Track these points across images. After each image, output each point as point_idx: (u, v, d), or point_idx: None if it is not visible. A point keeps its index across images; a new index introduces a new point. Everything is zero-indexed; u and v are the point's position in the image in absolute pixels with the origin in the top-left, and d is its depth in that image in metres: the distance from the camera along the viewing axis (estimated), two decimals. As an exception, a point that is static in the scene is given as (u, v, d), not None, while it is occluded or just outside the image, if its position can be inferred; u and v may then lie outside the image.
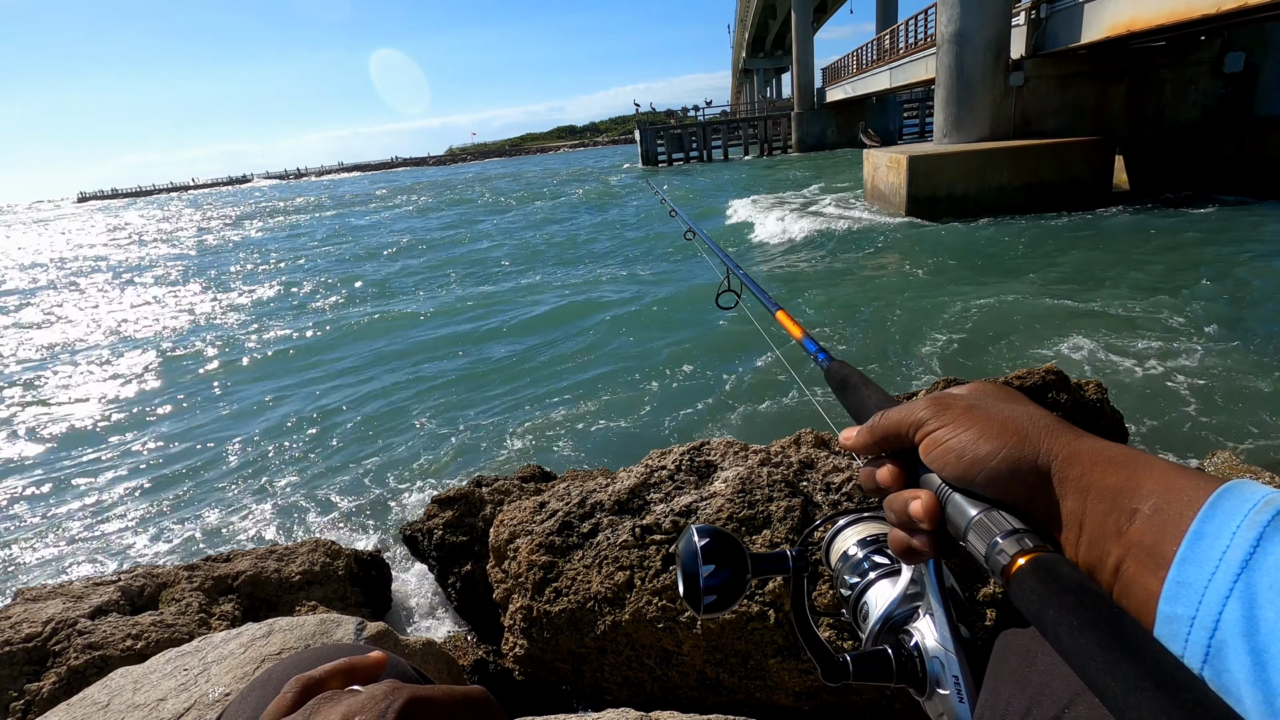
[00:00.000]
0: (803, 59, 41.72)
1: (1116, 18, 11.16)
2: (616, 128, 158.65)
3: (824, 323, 7.94)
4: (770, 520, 1.75)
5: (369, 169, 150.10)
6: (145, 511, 5.15)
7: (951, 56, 13.54)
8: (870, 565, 0.60)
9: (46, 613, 1.97)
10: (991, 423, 0.45)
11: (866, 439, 0.52)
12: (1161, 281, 8.23)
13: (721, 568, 0.55)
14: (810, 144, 41.74)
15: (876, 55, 28.15)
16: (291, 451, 5.96)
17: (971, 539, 0.42)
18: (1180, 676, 0.29)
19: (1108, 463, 0.40)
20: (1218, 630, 0.31)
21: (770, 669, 1.65)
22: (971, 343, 6.78)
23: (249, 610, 2.26)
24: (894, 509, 0.49)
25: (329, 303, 12.34)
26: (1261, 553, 0.31)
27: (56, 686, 1.78)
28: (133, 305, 14.13)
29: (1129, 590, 0.36)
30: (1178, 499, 0.36)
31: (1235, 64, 12.95)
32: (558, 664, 1.87)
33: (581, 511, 1.92)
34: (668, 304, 9.76)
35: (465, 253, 16.67)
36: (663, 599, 1.71)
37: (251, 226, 31.93)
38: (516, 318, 9.92)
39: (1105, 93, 13.56)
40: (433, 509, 2.80)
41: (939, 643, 0.52)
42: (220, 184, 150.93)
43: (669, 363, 7.14)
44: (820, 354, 0.78)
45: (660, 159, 45.41)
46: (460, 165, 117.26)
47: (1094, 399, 2.83)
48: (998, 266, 9.81)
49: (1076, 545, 0.40)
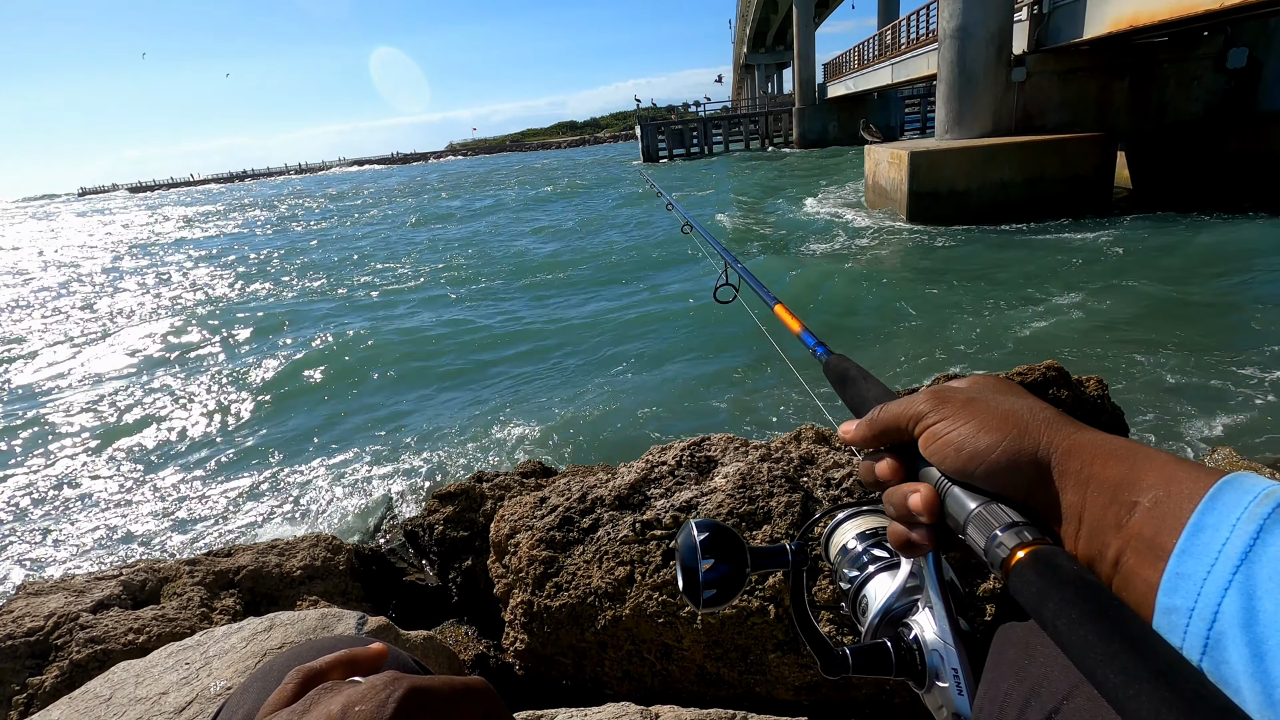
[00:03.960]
0: (804, 54, 41.57)
1: (1120, 13, 11.11)
2: (617, 123, 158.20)
3: (822, 317, 7.94)
4: (771, 516, 1.75)
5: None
6: (147, 507, 5.16)
7: (953, 52, 13.48)
8: (869, 559, 0.60)
9: (48, 607, 1.97)
10: (991, 416, 0.45)
11: (866, 432, 0.52)
12: (1162, 284, 8.22)
13: (721, 562, 0.55)
14: (811, 140, 41.63)
15: (878, 51, 28.04)
16: (293, 446, 5.97)
17: (971, 532, 0.42)
18: (1179, 668, 0.29)
19: (1108, 455, 0.40)
20: (1216, 622, 0.31)
21: (770, 663, 1.65)
22: (971, 339, 6.77)
23: (250, 605, 2.26)
24: (893, 502, 0.49)
25: (361, 295, 12.28)
26: (1261, 545, 0.31)
27: (58, 680, 1.79)
28: (142, 299, 14.14)
29: (1128, 582, 0.36)
30: (1177, 492, 0.36)
31: (1238, 59, 12.89)
32: (558, 658, 1.87)
33: (582, 507, 1.92)
34: (668, 298, 9.76)
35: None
36: (663, 594, 1.71)
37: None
38: (518, 315, 9.93)
39: (1108, 88, 13.51)
40: (433, 504, 2.80)
41: (938, 635, 0.52)
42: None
43: (668, 358, 7.14)
44: (819, 348, 0.78)
45: (661, 154, 45.33)
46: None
47: (1094, 395, 2.82)
48: (997, 268, 9.79)
49: (1076, 538, 0.40)
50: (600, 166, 46.50)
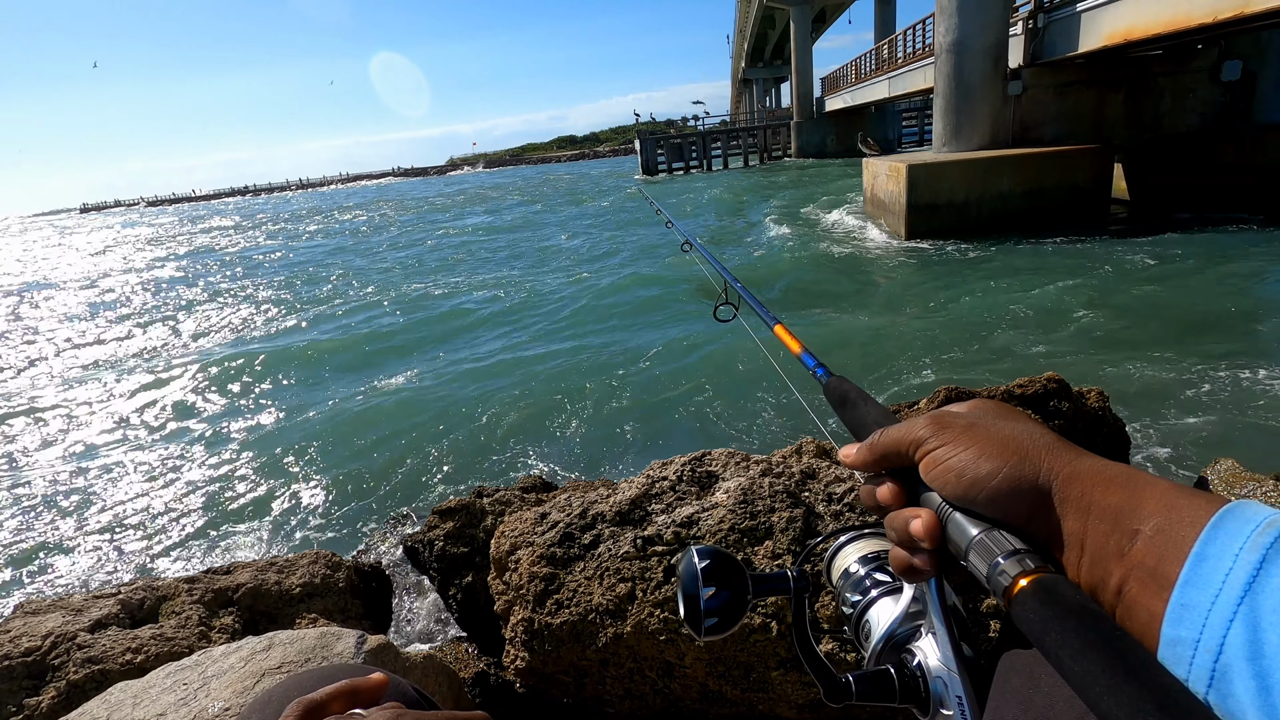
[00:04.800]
0: (802, 68, 41.94)
1: (1114, 27, 11.21)
2: (617, 137, 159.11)
3: (820, 335, 7.94)
4: (772, 531, 1.74)
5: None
6: (145, 524, 5.14)
7: (950, 65, 13.60)
8: (872, 583, 0.60)
9: (46, 626, 1.96)
10: (992, 441, 0.44)
11: (866, 457, 0.52)
12: (1161, 294, 8.23)
13: (722, 589, 0.54)
14: (810, 153, 41.90)
15: (875, 65, 28.29)
16: (292, 463, 5.95)
17: (973, 559, 0.42)
18: (1184, 701, 0.29)
19: (1108, 482, 0.40)
20: (1222, 654, 0.31)
21: (773, 681, 1.63)
22: (969, 354, 6.77)
23: (249, 623, 2.25)
24: (895, 527, 0.48)
25: (372, 312, 12.33)
26: (1264, 575, 0.31)
27: (55, 701, 1.77)
28: (167, 315, 14.17)
29: (1132, 612, 0.36)
30: (1179, 519, 0.35)
31: (1233, 72, 13.00)
32: (559, 676, 1.85)
33: (583, 522, 1.91)
34: (667, 313, 9.78)
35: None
36: (664, 611, 1.70)
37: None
38: (522, 324, 9.94)
39: (1103, 101, 13.62)
40: (433, 520, 2.79)
41: (942, 662, 0.51)
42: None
43: (670, 375, 7.14)
44: (819, 369, 0.78)
45: (660, 168, 45.56)
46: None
47: (1096, 406, 2.82)
48: (996, 279, 9.81)
49: (1078, 566, 0.40)
50: (607, 179, 46.88)
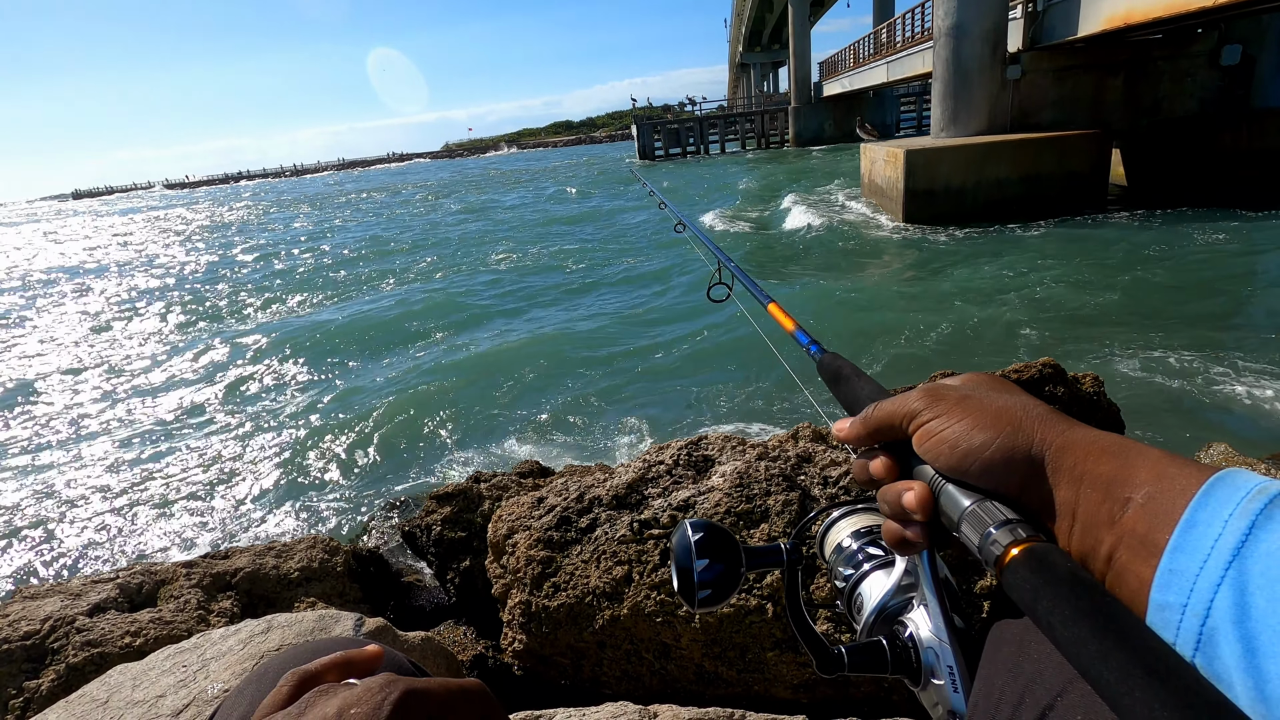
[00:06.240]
0: (799, 53, 41.60)
1: (1114, 10, 11.13)
2: (613, 123, 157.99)
3: (814, 319, 7.95)
4: (768, 514, 1.75)
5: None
6: (143, 509, 5.15)
7: (949, 50, 13.51)
8: (864, 557, 0.60)
9: (45, 610, 1.96)
10: (985, 413, 0.45)
11: (860, 430, 0.52)
12: (1158, 279, 8.24)
13: (715, 562, 0.55)
14: (807, 138, 41.67)
15: (873, 49, 28.07)
16: (290, 448, 5.95)
17: (965, 530, 0.42)
18: (1172, 664, 0.30)
19: (1101, 452, 0.40)
20: (1209, 618, 0.31)
21: (768, 662, 1.65)
22: (965, 340, 6.78)
23: (247, 607, 2.26)
24: (887, 500, 0.49)
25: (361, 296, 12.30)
26: (1253, 541, 0.31)
27: (55, 684, 1.78)
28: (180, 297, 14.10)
29: (1122, 579, 0.36)
30: (1170, 488, 0.36)
31: (1232, 56, 12.92)
32: (556, 658, 1.87)
33: (580, 506, 1.92)
34: (663, 296, 9.76)
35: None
36: (661, 593, 1.71)
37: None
38: (516, 312, 9.92)
39: (1102, 85, 13.54)
40: (431, 505, 2.80)
41: (933, 633, 0.52)
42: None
43: (665, 356, 7.14)
44: (813, 346, 0.78)
45: (658, 153, 45.33)
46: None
47: (1090, 391, 2.83)
48: (992, 264, 9.81)
49: (1070, 534, 0.40)
50: (606, 164, 46.63)
